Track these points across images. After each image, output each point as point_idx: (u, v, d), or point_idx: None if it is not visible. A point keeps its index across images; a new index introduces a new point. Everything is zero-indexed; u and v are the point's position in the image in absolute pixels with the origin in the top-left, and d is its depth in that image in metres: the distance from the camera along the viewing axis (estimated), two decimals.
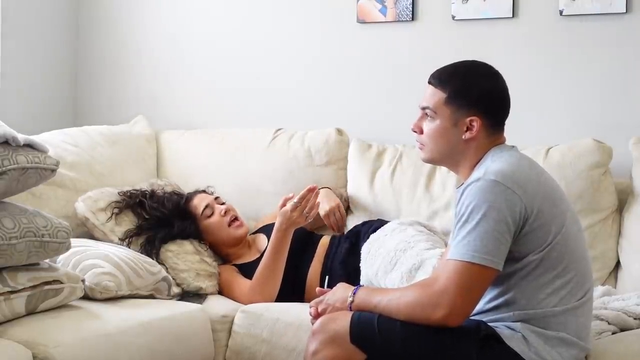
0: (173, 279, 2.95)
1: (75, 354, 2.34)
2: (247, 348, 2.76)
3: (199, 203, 3.16)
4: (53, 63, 4.02)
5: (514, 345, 2.09)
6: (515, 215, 2.07)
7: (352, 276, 2.83)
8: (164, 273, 2.90)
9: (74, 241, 2.63)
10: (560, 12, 3.25)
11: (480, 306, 2.15)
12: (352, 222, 3.19)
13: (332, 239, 3.05)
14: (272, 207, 3.27)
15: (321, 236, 3.07)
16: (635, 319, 2.51)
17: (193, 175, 3.50)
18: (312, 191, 2.87)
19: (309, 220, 2.92)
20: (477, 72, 2.26)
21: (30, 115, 3.86)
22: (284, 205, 2.88)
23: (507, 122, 2.27)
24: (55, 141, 3.23)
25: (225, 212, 3.14)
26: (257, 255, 3.04)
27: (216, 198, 3.21)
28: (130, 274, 2.75)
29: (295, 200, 2.85)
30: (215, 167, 3.51)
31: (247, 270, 3.01)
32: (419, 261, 2.65)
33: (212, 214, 3.14)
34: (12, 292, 2.37)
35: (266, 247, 3.00)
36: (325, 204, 3.13)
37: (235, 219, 3.16)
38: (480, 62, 2.29)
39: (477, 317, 2.16)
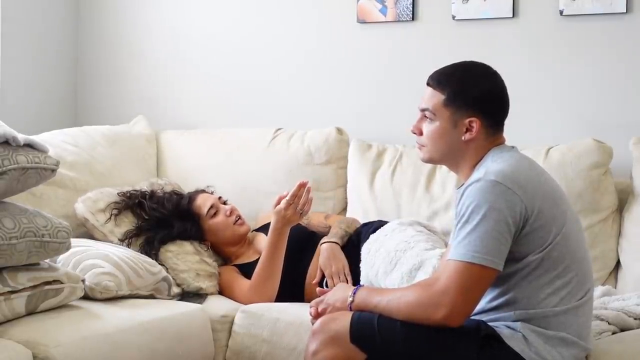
0: (173, 279, 2.95)
1: (76, 354, 2.34)
2: (247, 348, 2.76)
3: (203, 203, 3.15)
4: (53, 63, 4.02)
5: (514, 345, 2.09)
6: (515, 216, 2.07)
7: (352, 276, 2.83)
8: (164, 273, 2.89)
9: (74, 241, 2.63)
10: (561, 12, 3.25)
11: (480, 306, 2.15)
12: None
13: None
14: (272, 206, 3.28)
15: (322, 236, 3.06)
16: (635, 319, 2.51)
17: (193, 175, 3.50)
18: (304, 186, 2.84)
19: (304, 217, 2.90)
20: (475, 73, 2.26)
21: (30, 115, 3.86)
22: (278, 203, 2.87)
23: (507, 122, 2.27)
24: (55, 141, 3.23)
25: (231, 212, 3.14)
26: (258, 256, 3.04)
27: (219, 198, 3.21)
28: (131, 274, 2.75)
29: (287, 198, 2.84)
30: (215, 167, 3.51)
31: (248, 270, 3.01)
32: (419, 261, 2.65)
33: (217, 213, 3.14)
34: (12, 292, 2.37)
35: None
36: (332, 266, 2.87)
37: (239, 218, 3.16)
38: (478, 62, 2.29)
39: (477, 317, 2.16)
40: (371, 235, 2.87)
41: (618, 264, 2.98)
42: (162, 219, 3.11)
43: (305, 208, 2.84)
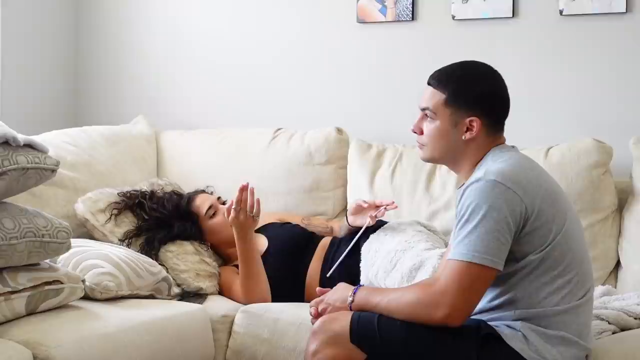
0: (173, 279, 2.95)
1: (76, 354, 2.34)
2: (247, 348, 2.76)
3: (201, 203, 3.15)
4: (53, 63, 4.03)
5: (514, 345, 2.09)
6: (515, 215, 2.07)
7: (352, 276, 2.83)
8: (164, 273, 2.89)
9: (74, 241, 2.62)
10: (560, 12, 3.25)
11: (481, 305, 2.15)
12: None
13: (333, 239, 3.04)
14: (271, 206, 3.29)
15: (322, 237, 3.06)
16: (635, 318, 2.50)
17: (193, 175, 3.50)
18: (245, 189, 2.85)
19: (258, 218, 2.88)
20: (476, 73, 2.26)
21: (30, 115, 3.86)
22: (229, 215, 2.87)
23: (507, 122, 2.27)
24: (55, 141, 3.23)
25: None
26: None
27: (218, 198, 3.21)
28: (131, 274, 2.75)
29: (233, 206, 2.84)
30: (215, 167, 3.51)
31: None
32: (419, 261, 2.65)
33: (216, 213, 3.14)
34: (12, 293, 2.37)
35: (265, 247, 3.03)
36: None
37: None
38: (479, 62, 2.29)
39: (477, 317, 2.16)
40: (371, 235, 2.87)
41: (618, 263, 2.98)
42: (162, 219, 3.11)
43: (255, 210, 2.85)
